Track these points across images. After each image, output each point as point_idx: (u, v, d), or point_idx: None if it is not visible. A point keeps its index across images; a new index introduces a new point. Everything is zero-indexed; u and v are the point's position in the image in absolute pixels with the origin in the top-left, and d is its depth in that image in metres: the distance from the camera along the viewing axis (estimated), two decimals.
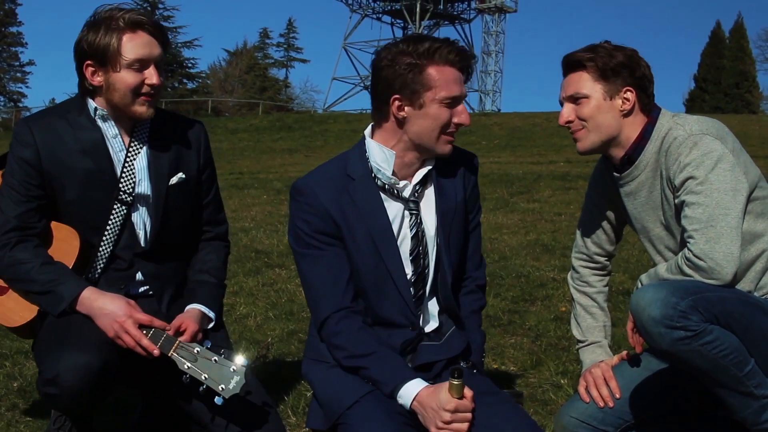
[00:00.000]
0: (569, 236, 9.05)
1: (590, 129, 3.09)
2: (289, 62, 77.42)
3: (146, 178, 3.21)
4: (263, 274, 7.31)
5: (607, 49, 3.07)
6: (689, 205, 2.91)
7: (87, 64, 3.08)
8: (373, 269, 2.94)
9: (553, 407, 4.03)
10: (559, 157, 21.48)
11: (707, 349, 2.76)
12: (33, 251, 3.10)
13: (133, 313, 3.00)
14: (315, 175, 3.02)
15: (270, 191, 14.48)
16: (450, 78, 2.84)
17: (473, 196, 3.13)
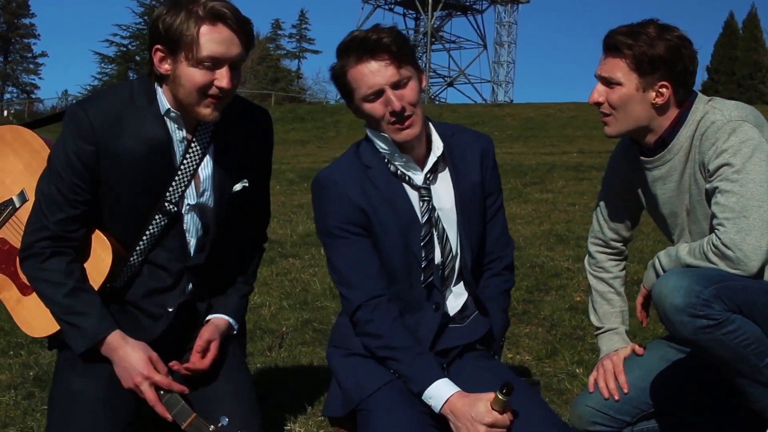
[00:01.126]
0: (583, 226, 9.02)
1: (618, 117, 3.02)
2: (301, 53, 77.60)
3: (210, 187, 2.97)
4: (277, 264, 7.31)
5: (649, 37, 2.91)
6: (722, 192, 2.84)
7: (156, 48, 2.72)
8: (403, 253, 2.95)
9: (568, 396, 4.02)
10: (572, 148, 21.44)
11: (729, 339, 2.74)
12: (66, 268, 2.84)
13: (152, 375, 2.83)
14: (334, 168, 3.02)
15: (283, 182, 14.50)
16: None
17: (493, 178, 3.12)
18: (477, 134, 3.14)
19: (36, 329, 2.98)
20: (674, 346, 3.25)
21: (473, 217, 3.04)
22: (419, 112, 2.88)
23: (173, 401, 2.86)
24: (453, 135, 3.06)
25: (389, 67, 2.81)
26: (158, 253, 2.99)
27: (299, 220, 9.79)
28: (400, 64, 2.82)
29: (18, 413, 3.76)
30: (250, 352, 4.69)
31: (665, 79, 2.93)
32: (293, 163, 18.79)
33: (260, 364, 4.52)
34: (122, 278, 3.00)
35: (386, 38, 2.80)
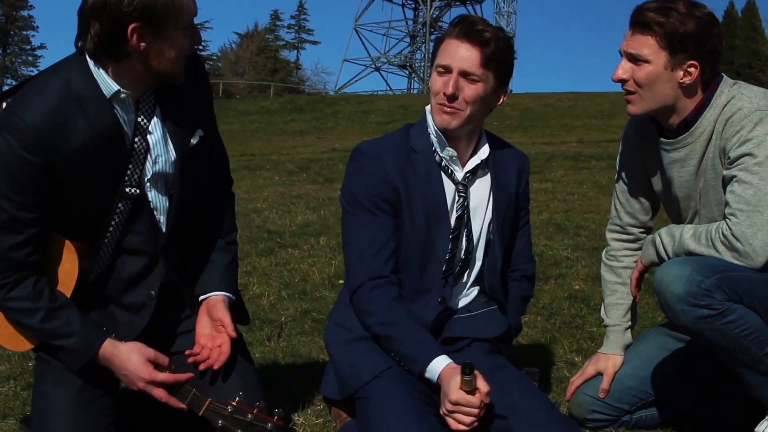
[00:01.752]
0: (582, 216, 9.02)
1: (644, 96, 2.95)
2: (300, 44, 77.52)
3: (164, 152, 2.81)
4: (276, 254, 7.30)
5: (680, 14, 2.85)
6: (740, 182, 2.80)
7: (133, 28, 2.53)
8: (423, 241, 2.97)
9: (567, 385, 4.00)
10: (571, 138, 21.40)
11: (729, 328, 2.74)
12: (33, 292, 2.70)
13: (154, 377, 2.76)
14: (380, 142, 3.07)
15: (282, 172, 14.46)
16: (447, 49, 2.93)
17: (525, 194, 3.18)
18: (517, 151, 3.20)
19: (22, 344, 2.87)
20: (672, 334, 3.25)
21: (506, 225, 3.09)
22: (468, 114, 2.92)
23: (185, 391, 2.81)
24: (496, 147, 3.10)
25: (471, 57, 2.87)
26: (130, 240, 2.85)
27: (298, 211, 9.77)
28: (485, 64, 2.87)
29: (17, 404, 3.76)
30: (249, 342, 4.69)
31: (694, 58, 2.88)
32: (292, 153, 18.72)
33: (259, 353, 4.52)
34: (95, 273, 2.89)
35: (489, 35, 2.86)
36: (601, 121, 26.78)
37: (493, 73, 2.91)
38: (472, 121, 2.96)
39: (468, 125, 2.96)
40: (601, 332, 4.79)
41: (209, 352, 2.92)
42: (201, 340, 2.96)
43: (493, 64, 2.89)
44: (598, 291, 5.79)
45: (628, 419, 3.28)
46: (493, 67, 2.90)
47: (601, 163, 14.42)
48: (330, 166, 14.88)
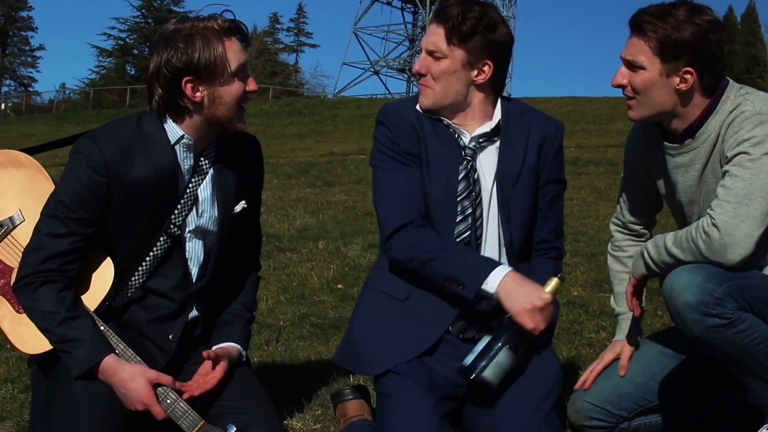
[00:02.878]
0: (580, 221, 9.04)
1: (641, 102, 2.93)
2: (299, 47, 77.55)
3: (210, 209, 3.03)
4: (275, 258, 7.30)
5: (677, 20, 2.81)
6: (732, 176, 2.78)
7: (186, 81, 2.80)
8: (443, 196, 3.00)
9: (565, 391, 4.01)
10: (570, 143, 21.38)
11: (739, 338, 2.73)
12: (57, 297, 2.83)
13: (153, 403, 2.83)
14: (401, 102, 3.12)
15: (281, 176, 14.47)
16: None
17: (554, 164, 3.15)
18: (547, 119, 3.18)
19: (31, 346, 2.97)
20: (671, 341, 3.25)
21: (517, 197, 3.05)
22: (439, 91, 2.97)
23: (180, 410, 2.87)
24: (522, 114, 3.11)
25: (436, 35, 2.95)
26: (161, 282, 3.01)
27: (297, 215, 9.78)
28: (449, 40, 2.93)
29: (15, 406, 3.76)
30: None
31: (690, 65, 2.85)
32: (291, 157, 18.74)
33: (257, 358, 4.52)
34: (121, 299, 3.01)
35: (454, 10, 2.91)
36: (600, 126, 26.81)
37: (460, 48, 2.93)
38: (449, 98, 3.00)
39: (445, 101, 3.00)
40: (600, 338, 4.83)
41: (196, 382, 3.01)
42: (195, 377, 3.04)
43: (458, 38, 2.92)
44: (597, 297, 5.81)
45: (626, 426, 3.27)
46: (459, 41, 2.92)
47: (600, 169, 14.44)
48: (329, 170, 14.91)
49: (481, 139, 3.04)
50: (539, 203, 3.14)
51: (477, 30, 2.91)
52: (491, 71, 2.99)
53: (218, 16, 2.85)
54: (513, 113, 3.09)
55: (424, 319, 2.98)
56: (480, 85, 3.00)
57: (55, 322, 2.82)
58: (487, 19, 2.92)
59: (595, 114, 30.57)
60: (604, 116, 29.75)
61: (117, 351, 2.88)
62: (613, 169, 14.28)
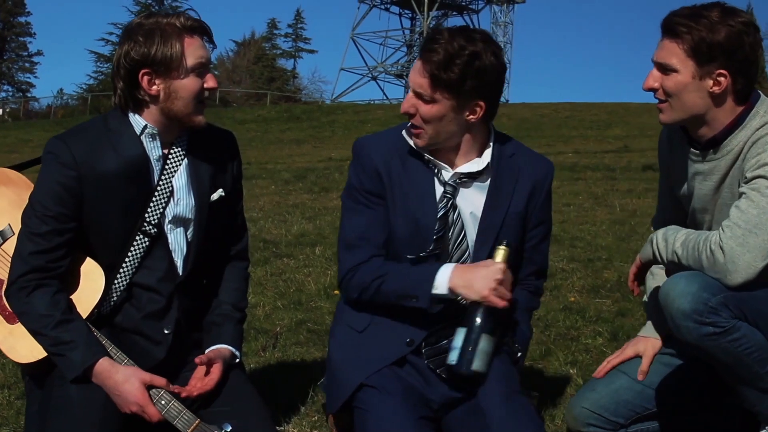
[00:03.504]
0: (578, 227, 9.04)
1: (674, 105, 2.88)
2: (297, 53, 77.55)
3: (185, 197, 3.05)
4: (271, 264, 7.30)
5: (710, 22, 2.76)
6: (748, 199, 2.76)
7: (143, 73, 2.87)
8: (411, 233, 2.96)
9: (562, 397, 4.01)
10: (567, 148, 21.46)
11: (733, 346, 2.73)
12: (51, 300, 2.87)
13: (147, 405, 2.84)
14: (375, 136, 3.09)
15: (278, 181, 14.47)
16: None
17: (543, 208, 3.10)
18: (537, 162, 3.10)
19: (23, 355, 2.98)
20: (668, 350, 3.25)
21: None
22: (431, 133, 2.88)
23: (175, 410, 2.87)
24: (513, 155, 3.03)
25: (422, 78, 2.83)
26: (147, 275, 3.03)
27: (294, 220, 9.77)
28: (434, 86, 2.81)
29: (11, 413, 3.75)
30: (244, 353, 4.67)
31: (724, 68, 2.79)
32: (288, 162, 18.75)
33: (254, 364, 4.51)
34: (108, 303, 3.02)
35: (439, 56, 2.78)
36: (597, 132, 26.87)
37: (446, 93, 2.81)
38: (442, 137, 2.91)
39: (439, 141, 2.92)
40: (597, 344, 4.83)
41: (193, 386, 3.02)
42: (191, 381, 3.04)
43: (443, 85, 2.80)
44: (594, 303, 5.81)
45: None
46: (445, 87, 2.80)
47: (597, 174, 14.45)
48: (326, 176, 14.91)
49: (463, 176, 2.97)
50: (525, 246, 3.11)
51: (466, 77, 2.78)
52: (483, 110, 2.89)
53: (182, 14, 2.92)
54: (504, 155, 3.02)
55: (383, 341, 2.99)
56: (473, 123, 2.91)
57: (49, 325, 2.84)
58: (478, 64, 2.79)
59: (593, 120, 30.62)
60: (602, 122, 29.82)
61: (110, 354, 2.90)
62: (610, 175, 14.31)
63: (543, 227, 3.13)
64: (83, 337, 2.87)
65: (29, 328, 2.90)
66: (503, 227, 2.99)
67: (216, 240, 3.19)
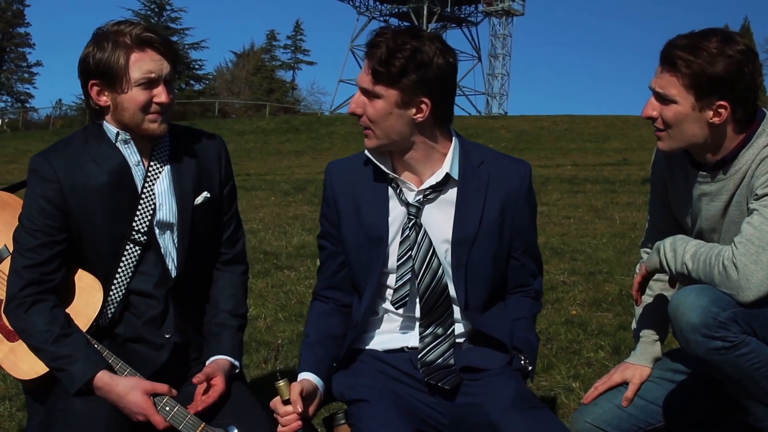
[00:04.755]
0: (578, 239, 9.03)
1: (672, 135, 2.86)
2: (296, 64, 77.55)
3: (168, 201, 3.03)
4: (272, 276, 7.30)
5: (709, 54, 2.74)
6: (760, 215, 2.75)
7: (92, 84, 2.92)
8: (364, 261, 2.93)
9: (565, 411, 4.01)
10: (567, 161, 21.48)
11: (742, 361, 2.72)
12: (49, 315, 2.88)
13: (152, 412, 2.83)
14: (345, 160, 3.06)
15: (277, 193, 14.48)
16: None
17: (523, 212, 2.99)
18: (509, 166, 2.99)
19: (24, 371, 2.97)
20: (672, 365, 3.24)
21: (474, 258, 2.90)
22: (378, 132, 2.81)
23: (180, 416, 2.87)
24: (482, 164, 2.93)
25: (365, 73, 2.79)
26: (143, 281, 3.03)
27: (294, 232, 9.77)
28: (375, 79, 2.76)
29: (13, 424, 3.75)
30: (246, 365, 4.68)
31: (724, 99, 2.77)
32: (288, 174, 18.76)
33: (256, 376, 4.51)
34: (107, 314, 3.02)
35: (380, 49, 2.74)
36: (597, 145, 26.88)
37: (389, 87, 2.75)
38: (392, 138, 2.83)
39: (389, 143, 2.84)
40: (599, 357, 4.83)
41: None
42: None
43: (387, 80, 2.74)
44: (596, 316, 5.81)
45: None
46: (387, 81, 2.74)
47: (597, 187, 14.46)
48: None
49: (428, 192, 2.89)
50: (514, 254, 3.01)
51: (407, 70, 2.72)
52: (429, 108, 2.79)
53: (139, 25, 2.91)
54: (471, 164, 2.92)
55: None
56: (421, 123, 2.81)
57: (49, 340, 2.85)
58: (420, 57, 2.72)
59: (591, 132, 30.65)
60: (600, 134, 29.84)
61: (111, 365, 2.89)
62: (610, 188, 14.31)
63: (528, 233, 3.04)
64: (83, 350, 2.87)
65: (29, 344, 2.90)
66: (476, 241, 2.89)
67: (207, 243, 3.16)
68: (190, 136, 3.15)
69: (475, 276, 2.92)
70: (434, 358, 2.89)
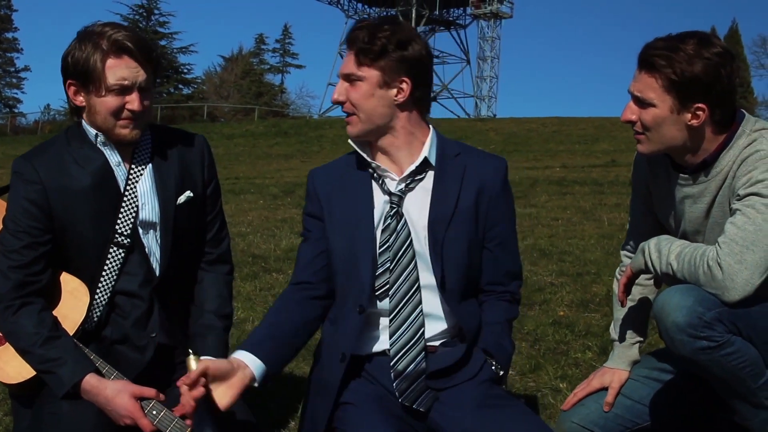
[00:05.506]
0: (566, 241, 9.05)
1: (651, 138, 2.88)
2: (284, 68, 77.61)
3: (151, 201, 3.04)
4: (260, 279, 7.29)
5: (686, 55, 2.76)
6: (744, 215, 2.75)
7: (69, 83, 2.94)
8: (346, 251, 2.92)
9: (552, 411, 4.02)
10: (555, 162, 21.51)
11: (727, 360, 2.74)
12: (38, 318, 2.89)
13: (140, 415, 2.83)
14: (326, 165, 3.09)
15: (266, 196, 14.47)
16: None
17: (499, 206, 2.99)
18: (486, 160, 3.02)
19: (11, 376, 2.98)
20: (659, 362, 3.25)
21: (450, 240, 2.91)
22: (362, 116, 2.88)
23: (167, 419, 2.86)
24: (458, 155, 2.98)
25: (348, 59, 2.89)
26: (128, 281, 3.03)
27: (282, 235, 9.77)
28: (357, 61, 2.86)
29: (0, 429, 3.73)
30: None
31: (702, 102, 2.79)
32: (276, 177, 18.76)
33: None
34: (93, 318, 3.03)
35: (361, 32, 2.84)
36: (585, 146, 26.94)
37: (372, 68, 2.84)
38: (374, 122, 2.89)
39: (371, 126, 2.90)
40: (586, 358, 4.84)
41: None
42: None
43: (369, 59, 2.84)
44: (583, 317, 5.82)
45: None
46: (370, 62, 2.84)
47: (585, 189, 14.49)
48: None
49: (409, 180, 2.93)
50: (488, 246, 3.00)
51: (387, 48, 2.83)
52: (410, 88, 2.86)
53: (118, 31, 2.90)
54: (448, 155, 2.97)
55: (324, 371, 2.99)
56: (401, 104, 2.88)
57: (38, 342, 2.86)
58: (399, 36, 2.83)
59: (580, 134, 30.72)
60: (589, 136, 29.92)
61: (99, 369, 2.90)
62: (598, 189, 14.35)
63: (504, 226, 3.02)
64: (71, 353, 2.88)
65: (17, 347, 2.91)
66: (452, 223, 2.91)
67: (191, 243, 3.17)
68: (172, 136, 3.17)
69: (450, 258, 2.91)
70: (406, 365, 2.87)
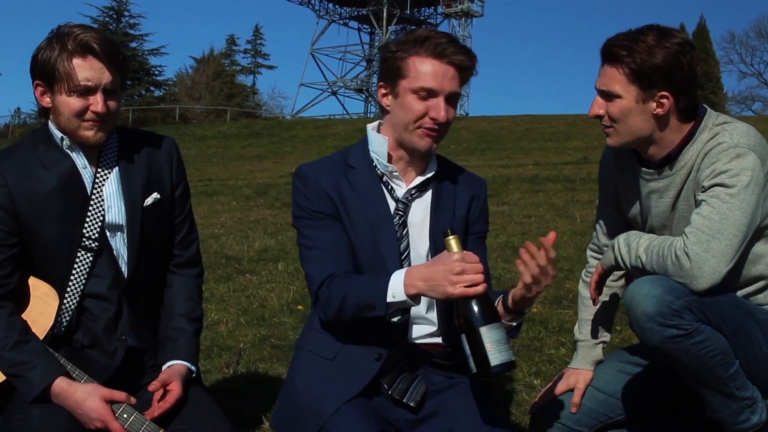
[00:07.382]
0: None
1: (619, 130, 2.94)
2: (256, 69, 77.41)
3: (117, 204, 3.02)
4: (234, 280, 7.28)
5: (647, 46, 2.84)
6: (710, 205, 2.81)
7: (36, 83, 2.92)
8: (369, 253, 2.90)
9: (526, 407, 4.03)
10: (528, 160, 21.57)
11: (696, 349, 2.76)
12: (7, 322, 2.87)
13: (110, 418, 2.81)
14: (317, 163, 3.03)
15: (239, 197, 14.44)
16: (429, 70, 2.81)
17: (480, 218, 3.08)
18: (472, 176, 3.13)
19: None
20: (631, 359, 3.27)
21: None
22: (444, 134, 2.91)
23: (138, 422, 2.85)
24: (449, 170, 3.06)
25: (455, 80, 2.84)
26: (97, 284, 3.01)
27: (256, 236, 9.75)
28: (462, 83, 2.86)
29: None
30: (207, 370, 4.67)
31: (665, 89, 2.87)
32: (249, 178, 18.70)
33: (218, 381, 4.49)
34: (62, 322, 3.00)
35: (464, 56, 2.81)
36: (557, 144, 27.01)
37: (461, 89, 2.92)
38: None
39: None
40: (560, 354, 4.86)
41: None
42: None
43: (466, 78, 2.90)
44: (557, 314, 5.85)
45: None
46: (466, 82, 2.92)
47: (558, 186, 14.54)
48: (288, 191, 14.86)
49: (414, 190, 2.96)
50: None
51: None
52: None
53: (86, 32, 2.87)
54: (449, 168, 3.06)
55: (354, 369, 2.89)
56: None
57: (7, 346, 2.84)
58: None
59: (552, 132, 30.79)
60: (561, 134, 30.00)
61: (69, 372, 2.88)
62: (570, 186, 14.41)
63: (480, 236, 3.11)
64: (41, 356, 2.86)
65: None
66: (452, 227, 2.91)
67: (160, 245, 3.15)
68: (140, 138, 3.14)
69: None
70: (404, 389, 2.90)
